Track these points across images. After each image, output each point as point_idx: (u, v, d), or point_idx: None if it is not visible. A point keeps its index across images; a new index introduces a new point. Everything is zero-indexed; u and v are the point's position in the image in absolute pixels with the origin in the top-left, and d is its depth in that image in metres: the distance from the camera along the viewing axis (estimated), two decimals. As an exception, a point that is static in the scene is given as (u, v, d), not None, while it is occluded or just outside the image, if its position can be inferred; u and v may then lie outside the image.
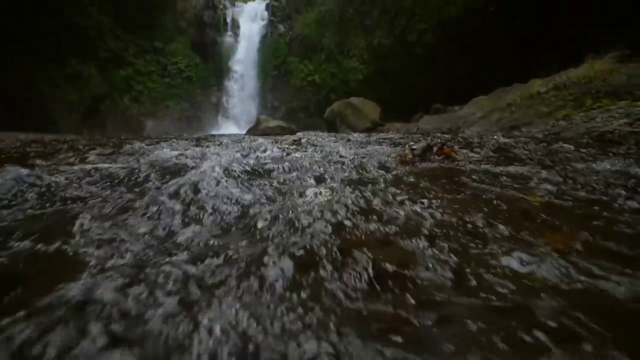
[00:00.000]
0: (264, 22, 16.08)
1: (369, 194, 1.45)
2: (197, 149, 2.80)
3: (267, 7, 16.44)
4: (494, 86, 7.16)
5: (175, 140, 4.48)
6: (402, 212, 1.25)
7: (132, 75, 14.00)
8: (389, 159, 2.57)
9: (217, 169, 1.69)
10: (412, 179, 1.84)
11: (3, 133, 7.24)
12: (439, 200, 1.42)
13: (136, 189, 1.63)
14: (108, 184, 1.71)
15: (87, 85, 12.64)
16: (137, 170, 1.88)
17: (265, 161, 2.29)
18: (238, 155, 2.28)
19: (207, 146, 3.51)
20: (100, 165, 2.04)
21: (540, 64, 5.25)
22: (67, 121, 11.97)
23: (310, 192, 1.46)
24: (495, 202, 1.40)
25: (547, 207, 1.35)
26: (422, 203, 1.38)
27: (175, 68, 15.05)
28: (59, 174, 1.80)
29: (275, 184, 1.72)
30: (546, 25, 8.02)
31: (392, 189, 1.60)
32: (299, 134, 6.29)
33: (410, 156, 2.63)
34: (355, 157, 2.65)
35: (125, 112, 13.75)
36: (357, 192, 1.44)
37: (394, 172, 2.05)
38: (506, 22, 8.77)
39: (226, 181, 1.55)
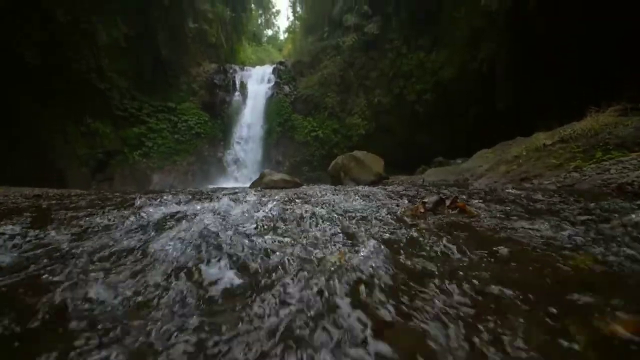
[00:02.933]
0: (271, 84, 17.33)
1: (386, 254, 1.25)
2: (193, 206, 2.66)
3: (274, 70, 17.91)
4: (495, 140, 7.27)
5: (175, 194, 4.39)
6: (425, 282, 1.04)
7: (145, 133, 14.61)
8: (398, 214, 2.39)
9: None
10: (428, 236, 1.64)
11: (9, 187, 7.25)
12: (465, 263, 1.21)
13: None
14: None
15: (100, 141, 13.13)
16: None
17: (269, 222, 2.12)
18: (235, 215, 2.13)
19: (210, 200, 3.38)
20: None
21: (541, 116, 5.36)
22: (76, 175, 12.19)
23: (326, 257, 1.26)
24: (532, 266, 1.19)
25: (596, 274, 1.13)
26: (445, 266, 1.17)
27: (186, 125, 15.74)
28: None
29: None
30: (545, 82, 8.45)
31: (409, 248, 1.40)
32: (304, 187, 6.21)
33: (422, 210, 2.46)
34: (365, 211, 2.48)
35: (133, 166, 14.04)
36: (373, 256, 1.24)
37: (408, 228, 1.86)
38: (503, 79, 9.30)
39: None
